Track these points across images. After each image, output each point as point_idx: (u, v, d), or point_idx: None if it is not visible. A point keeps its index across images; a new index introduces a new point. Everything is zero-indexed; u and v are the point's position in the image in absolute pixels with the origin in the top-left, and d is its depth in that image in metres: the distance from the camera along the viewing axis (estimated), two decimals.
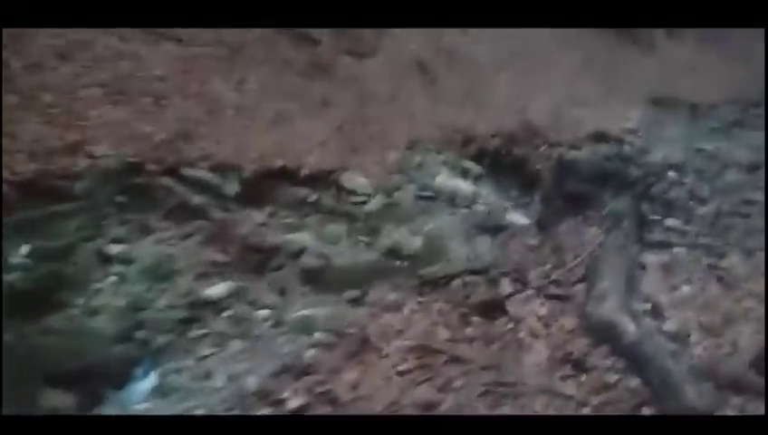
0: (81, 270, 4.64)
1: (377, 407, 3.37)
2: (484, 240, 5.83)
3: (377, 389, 3.50)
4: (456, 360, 3.73)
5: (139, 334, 4.19)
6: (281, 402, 3.45)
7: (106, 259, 4.79)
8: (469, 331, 4.06)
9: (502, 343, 3.92)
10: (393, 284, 4.77)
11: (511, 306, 4.26)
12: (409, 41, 7.35)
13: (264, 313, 4.44)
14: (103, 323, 4.26)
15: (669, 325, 4.17)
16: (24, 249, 4.36)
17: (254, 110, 6.96)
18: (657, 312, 4.28)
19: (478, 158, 6.68)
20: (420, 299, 4.38)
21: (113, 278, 4.62)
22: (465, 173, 6.71)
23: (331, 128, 7.20)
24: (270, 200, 6.10)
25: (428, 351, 3.78)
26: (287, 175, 6.45)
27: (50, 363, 3.75)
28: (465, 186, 6.59)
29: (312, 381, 3.52)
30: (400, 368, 3.65)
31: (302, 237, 5.53)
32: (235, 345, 4.02)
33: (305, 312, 4.25)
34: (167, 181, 5.68)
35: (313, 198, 6.22)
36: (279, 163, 6.47)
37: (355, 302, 4.46)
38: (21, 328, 3.95)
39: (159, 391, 3.65)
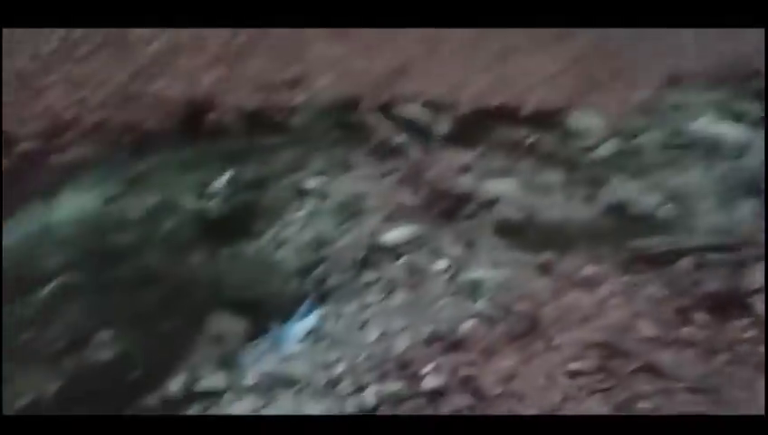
0: (278, 201, 4.53)
1: (528, 410, 2.49)
2: (746, 207, 4.27)
3: (534, 388, 2.61)
4: (653, 371, 2.60)
5: (317, 271, 3.91)
6: (418, 378, 2.78)
7: (302, 193, 4.63)
8: (687, 331, 2.84)
9: (731, 356, 2.64)
10: (599, 252, 3.66)
11: (759, 304, 2.87)
12: None
13: (440, 265, 3.79)
14: (287, 255, 4.07)
15: None
16: (226, 177, 4.35)
17: (477, 43, 6.15)
18: None
19: (760, 97, 4.97)
20: (627, 278, 3.24)
21: (305, 212, 4.41)
22: (737, 117, 5.06)
23: (564, 61, 6.03)
24: (481, 141, 5.34)
25: (617, 352, 2.71)
26: (505, 114, 5.59)
27: (229, 290, 3.64)
28: (734, 133, 4.97)
29: (462, 360, 2.78)
30: (572, 367, 2.68)
31: (508, 185, 4.68)
32: (400, 298, 3.47)
33: (477, 274, 3.45)
34: (377, 118, 5.30)
35: (531, 140, 5.29)
36: (497, 101, 5.63)
37: (544, 269, 3.50)
38: (212, 253, 3.94)
39: (313, 336, 3.30)
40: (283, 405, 2.85)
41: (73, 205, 3.79)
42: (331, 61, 5.93)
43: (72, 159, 4.49)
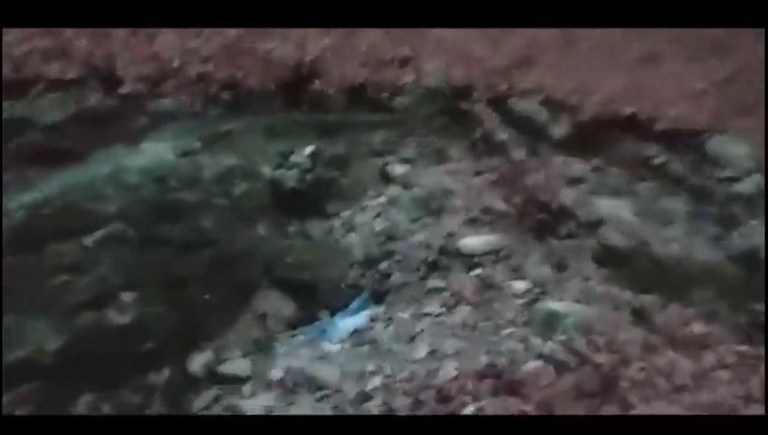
0: (358, 183, 4.19)
1: None
2: None
3: None
4: None
5: (382, 265, 3.52)
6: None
7: (386, 178, 4.25)
8: None
9: None
10: (715, 308, 2.94)
11: None
12: None
13: (518, 286, 3.25)
14: (355, 242, 3.73)
15: None
16: (309, 150, 4.06)
17: (617, 43, 5.39)
18: None
19: None
20: (743, 347, 2.53)
21: (384, 199, 4.04)
22: None
23: (715, 76, 5.13)
24: (599, 153, 4.66)
25: None
26: (635, 126, 4.85)
27: (285, 268, 3.36)
28: None
29: (513, 407, 2.26)
30: None
31: (620, 207, 4.00)
32: (463, 314, 2.99)
33: (559, 306, 2.88)
34: (486, 110, 4.79)
35: (660, 160, 4.53)
36: (629, 110, 4.90)
37: (642, 315, 2.86)
38: (277, 226, 3.67)
39: (357, 337, 2.93)
40: (300, 411, 2.47)
41: (150, 154, 3.65)
42: (448, 43, 5.45)
43: (167, 107, 4.40)
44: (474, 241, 3.60)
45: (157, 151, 3.69)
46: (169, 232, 3.19)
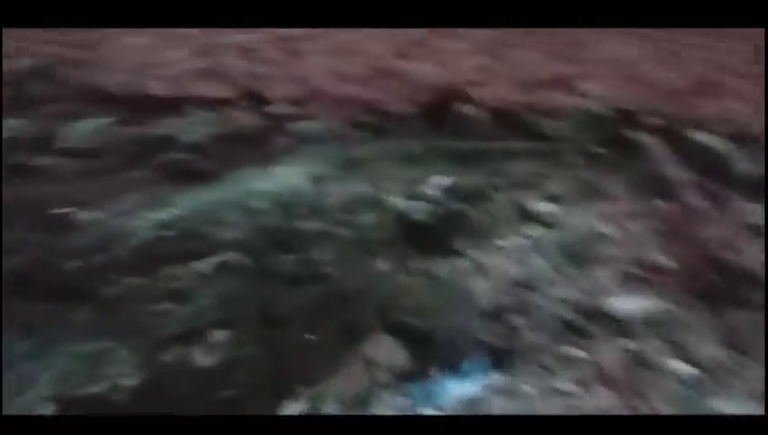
0: (494, 219, 3.72)
1: None
2: None
3: None
4: None
5: (511, 317, 3.03)
6: None
7: (527, 216, 3.73)
8: None
9: None
10: None
11: None
12: None
13: (680, 368, 2.57)
14: (482, 288, 3.27)
15: None
16: (445, 181, 3.69)
17: None
18: None
19: None
20: None
21: (523, 240, 3.53)
22: None
23: None
24: None
25: None
26: None
27: (402, 311, 3.02)
28: None
29: None
30: None
31: None
32: (601, 398, 2.41)
33: (732, 409, 2.17)
34: (655, 140, 4.10)
35: None
36: None
37: None
38: (399, 263, 3.35)
39: (466, 408, 2.47)
40: None
41: (281, 178, 3.52)
42: (614, 64, 4.76)
43: (309, 129, 4.31)
44: (626, 303, 2.94)
45: (288, 176, 3.55)
46: (282, 263, 2.97)
